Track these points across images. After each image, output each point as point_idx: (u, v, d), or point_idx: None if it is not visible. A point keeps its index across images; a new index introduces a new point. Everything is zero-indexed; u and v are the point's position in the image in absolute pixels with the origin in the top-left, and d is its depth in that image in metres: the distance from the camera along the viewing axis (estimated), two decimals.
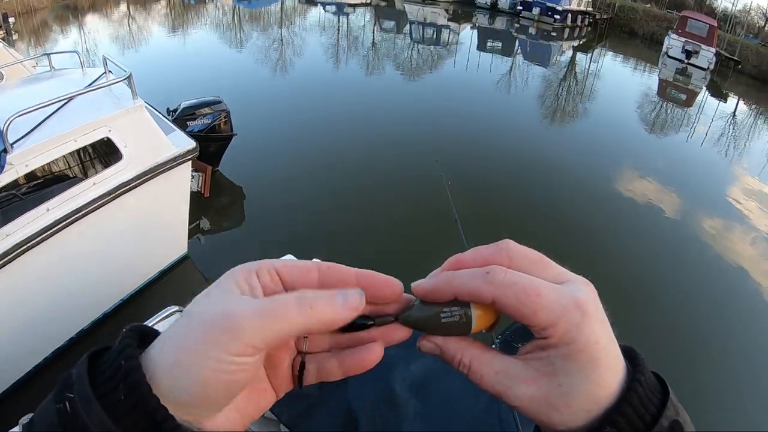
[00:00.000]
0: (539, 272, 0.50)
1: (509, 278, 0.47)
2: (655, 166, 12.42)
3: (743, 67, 31.54)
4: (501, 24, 34.36)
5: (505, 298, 0.47)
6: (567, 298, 0.46)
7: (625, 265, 7.90)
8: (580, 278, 0.51)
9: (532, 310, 0.46)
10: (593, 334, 0.46)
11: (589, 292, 0.48)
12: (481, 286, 0.48)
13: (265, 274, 0.48)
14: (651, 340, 6.37)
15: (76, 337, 5.17)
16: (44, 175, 5.23)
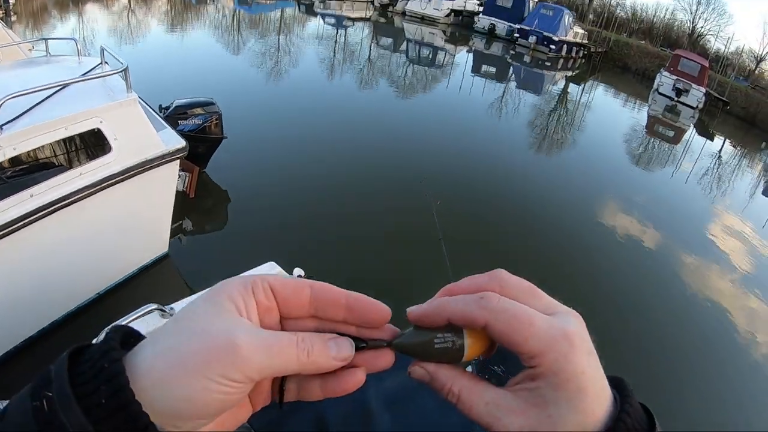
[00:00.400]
0: (530, 302, 0.51)
1: (502, 305, 0.49)
2: (639, 200, 12.57)
3: (731, 108, 32.14)
4: (497, 50, 34.70)
5: (497, 324, 0.48)
6: (556, 329, 0.47)
7: (605, 294, 7.97)
8: (569, 310, 0.52)
9: (523, 338, 0.47)
10: (580, 364, 0.46)
11: (577, 324, 0.50)
12: (474, 311, 0.49)
13: (260, 291, 0.49)
14: (632, 369, 6.42)
15: (48, 328, 5.07)
16: (30, 160, 5.17)
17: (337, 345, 0.50)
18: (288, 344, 0.47)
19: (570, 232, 9.73)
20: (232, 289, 0.48)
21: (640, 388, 1.81)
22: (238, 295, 0.47)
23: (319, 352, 0.48)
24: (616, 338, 6.98)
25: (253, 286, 0.49)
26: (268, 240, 7.29)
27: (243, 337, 0.44)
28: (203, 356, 0.43)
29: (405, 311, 0.55)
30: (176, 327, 0.45)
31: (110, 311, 4.99)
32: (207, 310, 0.46)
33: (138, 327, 1.58)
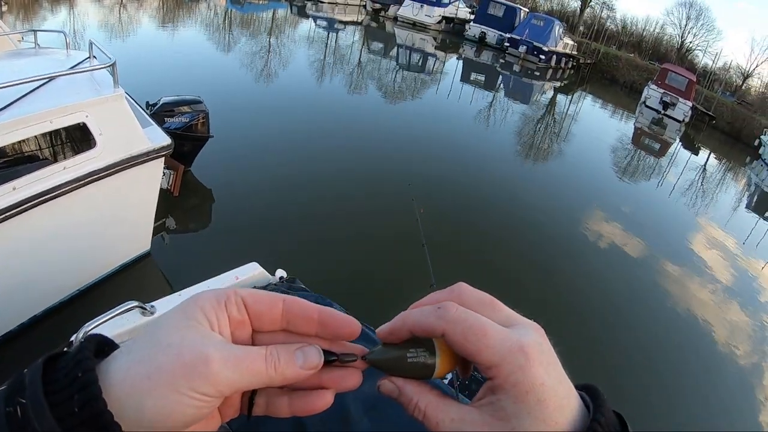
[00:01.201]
0: (489, 314, 0.52)
1: (458, 314, 0.50)
2: (624, 211, 12.68)
3: (717, 122, 32.52)
4: (487, 58, 34.85)
5: (453, 334, 0.49)
6: (512, 341, 0.48)
7: (588, 301, 8.04)
8: (529, 322, 0.53)
9: (477, 348, 0.48)
10: (538, 376, 0.47)
11: (536, 337, 0.51)
12: (432, 321, 0.51)
13: (233, 306, 0.50)
14: (613, 377, 6.47)
15: (27, 323, 5.03)
16: (14, 153, 5.13)
17: (304, 354, 0.51)
18: (256, 358, 0.48)
19: (555, 240, 9.80)
20: (204, 303, 0.49)
21: (619, 393, 1.84)
22: (210, 309, 0.49)
23: (286, 364, 0.49)
24: (596, 344, 7.07)
25: (226, 300, 0.50)
26: (251, 240, 7.27)
27: (214, 352, 0.45)
28: (175, 370, 0.44)
29: (385, 313, 0.56)
30: (150, 339, 0.46)
31: (91, 308, 4.93)
32: (180, 324, 0.47)
33: (118, 324, 1.58)
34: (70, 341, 2.33)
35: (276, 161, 9.98)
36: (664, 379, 6.95)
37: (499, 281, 7.89)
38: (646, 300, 8.85)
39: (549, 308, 7.59)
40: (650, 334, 7.84)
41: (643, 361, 7.12)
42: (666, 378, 6.98)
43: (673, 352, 7.67)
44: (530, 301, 7.61)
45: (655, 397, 6.52)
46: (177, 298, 2.65)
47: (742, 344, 8.45)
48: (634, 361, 7.06)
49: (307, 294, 2.79)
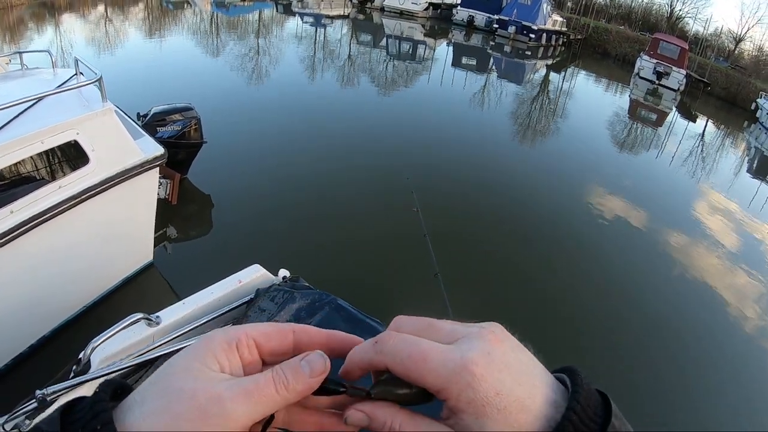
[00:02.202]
0: (430, 335, 0.51)
1: (395, 345, 0.49)
2: (625, 184, 12.64)
3: (712, 89, 32.34)
4: (477, 41, 34.72)
5: (394, 366, 0.49)
6: (454, 361, 0.47)
7: (593, 279, 8.02)
8: (476, 330, 0.51)
9: (421, 375, 0.47)
10: (491, 388, 0.46)
11: (481, 346, 0.48)
12: (372, 357, 0.50)
13: (245, 348, 0.50)
14: (618, 354, 6.48)
15: (37, 344, 5.06)
16: (13, 176, 5.14)
17: (309, 363, 0.50)
18: (265, 384, 0.48)
19: (557, 219, 9.78)
20: (216, 347, 0.49)
21: (623, 363, 1.83)
22: (222, 352, 0.49)
23: (294, 379, 0.49)
24: (605, 318, 7.07)
25: (237, 343, 0.50)
26: (252, 242, 7.29)
27: (224, 391, 0.45)
28: (192, 416, 0.44)
29: (391, 306, 0.56)
30: (164, 387, 0.46)
31: (98, 323, 4.95)
32: (192, 370, 0.47)
33: (125, 337, 1.60)
34: (78, 358, 2.36)
35: (272, 161, 9.98)
36: (673, 349, 6.96)
37: (501, 266, 7.90)
38: (655, 272, 8.85)
39: (554, 288, 7.60)
40: (659, 307, 7.83)
41: (653, 333, 7.12)
42: (675, 348, 6.99)
43: (679, 317, 7.68)
44: (535, 282, 7.63)
45: (664, 362, 6.55)
46: (181, 306, 2.67)
47: (751, 308, 8.44)
48: (643, 333, 7.07)
49: (311, 292, 2.80)
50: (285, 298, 2.74)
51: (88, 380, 2.26)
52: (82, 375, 2.28)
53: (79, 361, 2.35)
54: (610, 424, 0.46)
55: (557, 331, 6.64)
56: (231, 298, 2.80)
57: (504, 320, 1.96)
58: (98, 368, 2.33)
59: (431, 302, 4.72)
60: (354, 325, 2.52)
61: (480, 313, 5.07)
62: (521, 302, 7.11)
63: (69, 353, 2.43)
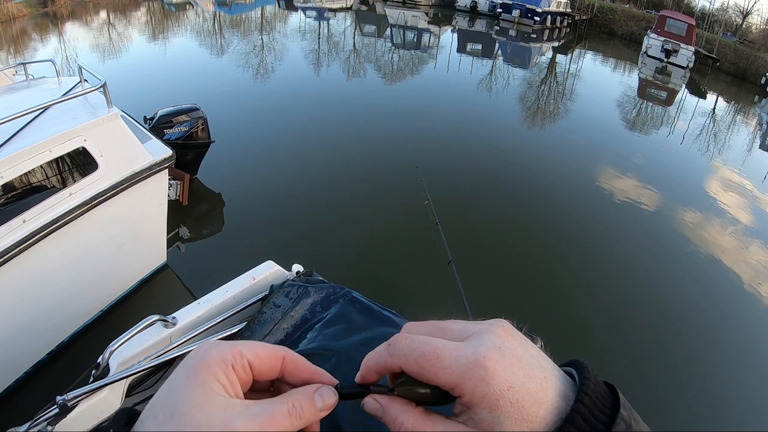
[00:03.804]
0: (440, 336, 0.53)
1: (408, 346, 0.51)
2: (636, 164, 12.56)
3: (721, 64, 32.01)
4: (481, 27, 34.52)
5: (408, 366, 0.50)
6: (467, 357, 0.48)
7: (607, 261, 7.97)
8: (486, 327, 0.52)
9: (434, 373, 0.48)
10: (504, 381, 0.47)
11: (493, 341, 0.50)
12: (387, 360, 0.52)
13: (240, 368, 0.52)
14: (633, 338, 6.45)
15: (55, 350, 5.12)
16: (23, 186, 5.18)
17: (322, 397, 0.53)
18: (280, 414, 0.49)
19: (570, 201, 9.73)
20: (216, 369, 0.49)
21: (638, 347, 1.81)
22: (221, 373, 0.50)
23: (309, 411, 0.51)
24: (619, 301, 7.03)
25: (233, 363, 0.51)
26: (265, 239, 7.32)
27: (239, 422, 0.46)
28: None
29: (406, 295, 0.56)
30: (172, 418, 0.46)
31: (115, 327, 5.02)
32: (198, 396, 0.47)
33: (142, 340, 1.62)
34: (97, 363, 2.37)
35: (280, 156, 10.00)
36: (690, 331, 6.93)
37: (514, 251, 7.88)
38: (671, 254, 8.78)
39: (567, 272, 7.58)
40: (675, 289, 7.78)
41: (669, 317, 7.08)
42: (692, 330, 6.95)
43: (695, 297, 7.63)
44: (548, 266, 7.60)
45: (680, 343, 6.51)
46: (197, 306, 2.68)
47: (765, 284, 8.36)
48: (659, 318, 7.03)
49: (326, 285, 2.79)
50: (299, 293, 2.74)
51: (107, 383, 2.28)
52: (102, 379, 2.29)
53: (98, 366, 2.37)
54: (619, 414, 0.47)
55: (570, 314, 6.63)
56: (246, 296, 2.81)
57: (518, 304, 1.97)
58: (117, 371, 2.34)
59: (446, 290, 4.71)
60: (369, 317, 2.52)
61: (494, 299, 5.07)
62: (535, 287, 7.10)
63: (88, 358, 2.45)
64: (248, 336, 2.55)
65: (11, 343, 4.59)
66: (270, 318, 2.61)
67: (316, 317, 2.61)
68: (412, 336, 0.52)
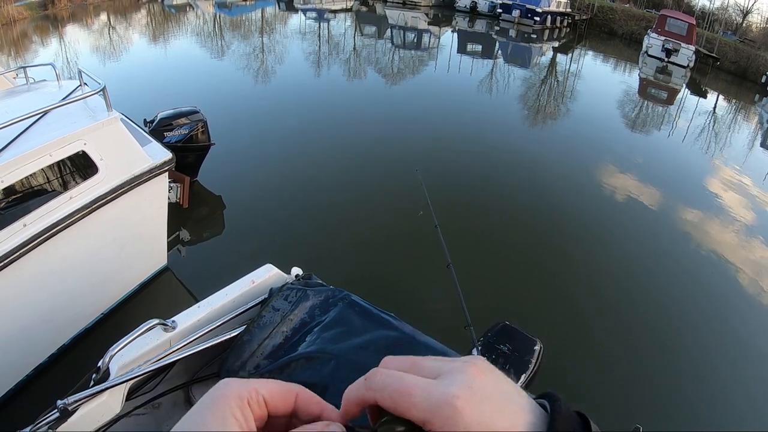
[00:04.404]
0: (415, 372, 0.53)
1: (383, 380, 0.52)
2: (638, 164, 12.55)
3: (722, 63, 31.96)
4: (481, 27, 34.49)
5: (382, 400, 0.51)
6: (437, 395, 0.49)
7: (607, 261, 7.98)
8: (459, 365, 0.53)
9: (406, 408, 0.49)
10: (471, 421, 0.47)
11: (463, 380, 0.50)
12: (363, 393, 0.53)
13: (255, 405, 0.53)
14: (635, 338, 6.45)
15: (56, 353, 5.13)
16: (23, 189, 5.19)
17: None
18: None
19: (570, 202, 9.73)
20: (232, 404, 0.51)
21: (645, 344, 1.81)
22: (238, 410, 0.51)
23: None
24: (620, 301, 7.03)
25: (248, 399, 0.52)
26: (265, 241, 7.33)
27: None
28: None
29: (405, 298, 0.57)
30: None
31: (116, 330, 5.02)
32: (209, 425, 0.49)
33: (142, 344, 1.64)
34: (97, 367, 2.39)
35: (281, 159, 10.01)
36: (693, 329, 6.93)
37: (514, 253, 7.88)
38: (673, 252, 8.77)
39: (567, 272, 7.58)
40: (677, 287, 7.77)
41: (671, 314, 7.08)
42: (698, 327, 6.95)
43: (695, 294, 7.64)
44: (548, 267, 7.60)
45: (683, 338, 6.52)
46: (196, 309, 2.70)
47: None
48: (661, 315, 7.03)
49: (324, 288, 2.81)
50: (298, 296, 2.76)
51: (107, 387, 2.29)
52: (102, 383, 2.30)
53: (98, 369, 2.38)
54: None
55: (571, 315, 6.63)
56: (245, 299, 2.83)
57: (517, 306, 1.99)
58: (117, 375, 2.36)
59: (445, 293, 4.71)
60: (369, 320, 2.53)
61: (494, 301, 5.07)
62: (534, 288, 7.09)
63: (89, 361, 2.46)
64: (247, 340, 2.56)
65: (12, 346, 4.60)
66: (269, 321, 2.63)
67: (315, 320, 2.62)
68: (386, 371, 0.53)
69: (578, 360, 5.90)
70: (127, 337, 2.37)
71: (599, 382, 5.75)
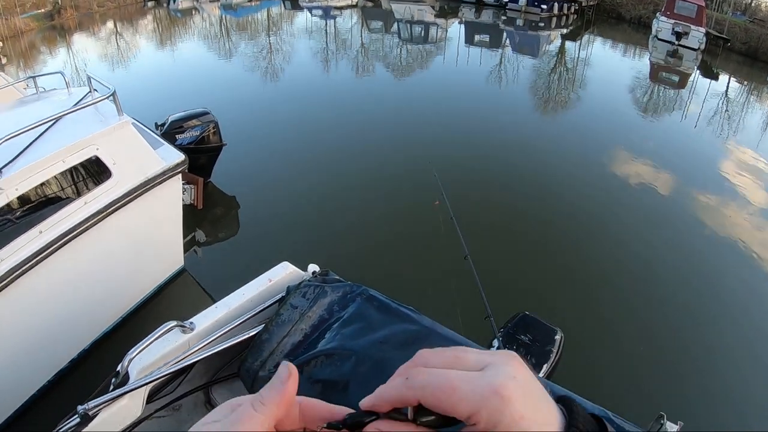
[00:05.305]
0: (457, 366, 0.53)
1: (425, 379, 0.51)
2: (651, 149, 12.38)
3: (732, 44, 31.53)
4: (488, 17, 34.29)
5: (425, 399, 0.51)
6: (483, 386, 0.49)
7: (626, 254, 7.89)
8: (500, 357, 0.53)
9: (451, 405, 0.49)
10: (516, 412, 0.47)
11: (507, 371, 0.51)
12: (404, 392, 0.52)
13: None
14: (654, 328, 6.39)
15: (77, 357, 5.16)
16: (38, 197, 5.22)
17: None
18: None
19: (585, 191, 9.66)
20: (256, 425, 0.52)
21: (663, 334, 1.77)
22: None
23: None
24: (638, 291, 6.97)
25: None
26: (280, 240, 7.34)
27: None
28: None
29: (423, 291, 0.56)
30: None
31: (135, 333, 5.05)
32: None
33: (161, 346, 1.62)
34: (116, 371, 2.38)
35: (293, 157, 10.02)
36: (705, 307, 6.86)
37: (530, 242, 7.84)
38: (692, 238, 8.69)
39: (586, 265, 7.52)
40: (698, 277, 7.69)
41: (692, 300, 7.02)
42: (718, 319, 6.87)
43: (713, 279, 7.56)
44: (565, 257, 7.55)
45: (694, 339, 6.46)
46: (214, 310, 2.68)
47: None
48: (682, 300, 6.97)
49: (342, 284, 2.79)
50: (316, 293, 2.74)
51: (127, 391, 2.28)
52: (122, 386, 2.29)
53: (118, 374, 2.38)
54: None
55: (590, 305, 6.60)
56: (262, 298, 2.81)
57: (537, 297, 1.95)
58: (137, 378, 2.35)
59: (463, 285, 4.69)
60: (387, 314, 2.51)
61: (512, 292, 5.04)
62: (553, 279, 7.06)
63: (109, 365, 2.46)
64: (266, 338, 2.55)
65: (33, 352, 4.63)
66: (288, 319, 2.61)
67: (334, 317, 2.60)
68: (428, 370, 0.52)
69: (598, 349, 5.86)
70: (145, 340, 2.36)
71: (620, 370, 5.71)
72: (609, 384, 5.43)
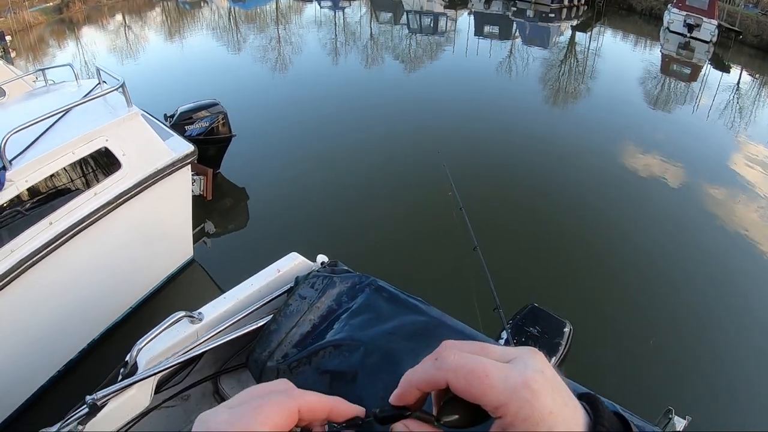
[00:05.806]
0: (484, 356, 0.53)
1: (457, 360, 0.51)
2: (662, 142, 12.28)
3: (744, 37, 31.22)
4: (497, 8, 34.05)
5: (455, 381, 0.50)
6: (514, 378, 0.48)
7: (636, 247, 7.84)
8: (526, 352, 0.52)
9: (482, 391, 0.48)
10: (546, 406, 0.47)
11: (536, 366, 0.50)
12: (433, 374, 0.52)
13: None
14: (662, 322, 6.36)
15: (87, 348, 5.19)
16: (48, 189, 5.24)
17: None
18: None
19: (595, 183, 9.60)
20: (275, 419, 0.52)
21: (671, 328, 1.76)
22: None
23: None
24: (649, 284, 6.93)
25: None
26: (289, 230, 7.35)
27: None
28: None
29: (432, 281, 0.56)
30: None
31: (145, 323, 5.07)
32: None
33: (170, 336, 1.62)
34: (125, 361, 2.38)
35: (302, 148, 10.02)
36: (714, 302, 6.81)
37: (539, 234, 7.80)
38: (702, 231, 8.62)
39: (595, 257, 7.49)
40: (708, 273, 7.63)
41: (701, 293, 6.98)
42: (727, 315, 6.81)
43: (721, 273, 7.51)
44: (575, 249, 7.52)
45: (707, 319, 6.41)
46: (222, 300, 2.68)
47: None
48: (691, 292, 6.93)
49: (351, 275, 2.78)
50: (325, 283, 2.73)
51: (136, 381, 2.29)
52: (130, 377, 2.30)
53: (126, 364, 2.38)
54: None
55: (599, 299, 6.57)
56: (271, 288, 2.81)
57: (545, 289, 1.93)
58: (145, 369, 2.35)
59: (472, 276, 4.67)
60: (396, 305, 2.50)
61: (521, 284, 5.02)
62: (561, 271, 7.03)
63: (118, 355, 2.46)
64: (274, 329, 2.54)
65: (43, 343, 4.66)
66: (296, 310, 2.60)
67: (343, 307, 2.59)
68: (459, 352, 0.52)
69: (607, 341, 5.84)
70: (154, 330, 2.36)
71: (629, 363, 5.69)
72: (617, 377, 5.42)
